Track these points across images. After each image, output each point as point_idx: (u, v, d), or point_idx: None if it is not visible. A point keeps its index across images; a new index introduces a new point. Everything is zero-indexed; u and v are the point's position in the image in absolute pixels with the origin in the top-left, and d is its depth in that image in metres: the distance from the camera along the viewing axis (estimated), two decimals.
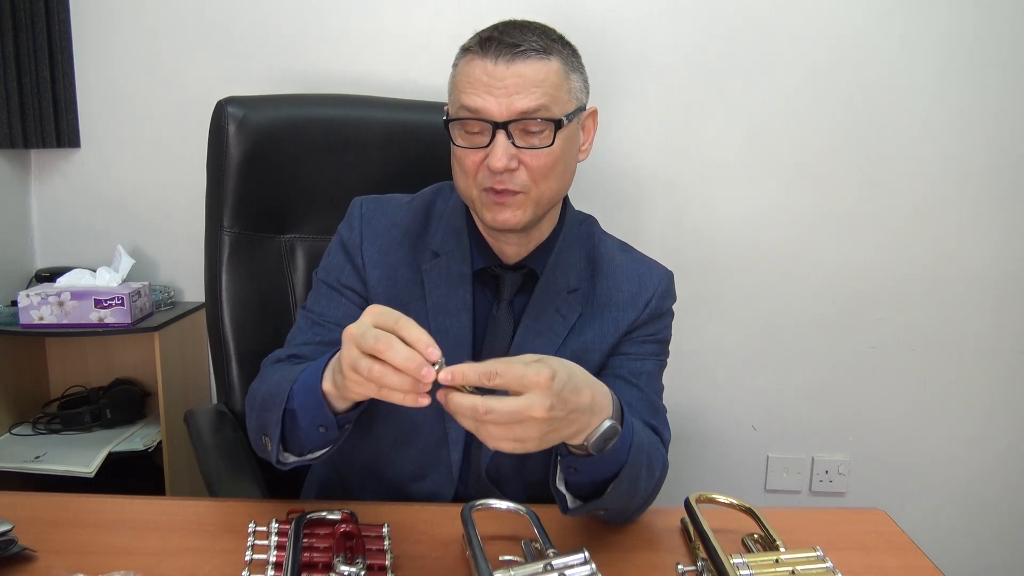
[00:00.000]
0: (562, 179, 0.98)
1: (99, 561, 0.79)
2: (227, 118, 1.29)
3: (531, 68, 0.90)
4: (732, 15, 1.78)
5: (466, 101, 0.92)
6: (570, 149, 0.97)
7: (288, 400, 0.83)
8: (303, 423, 0.83)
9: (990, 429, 1.98)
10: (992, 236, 1.88)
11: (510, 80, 0.90)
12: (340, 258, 1.06)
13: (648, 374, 1.04)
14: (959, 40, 1.78)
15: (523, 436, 0.70)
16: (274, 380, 0.91)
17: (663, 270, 1.09)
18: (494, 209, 0.95)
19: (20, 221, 1.86)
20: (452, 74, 0.97)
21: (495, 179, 0.93)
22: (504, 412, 0.69)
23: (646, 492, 0.90)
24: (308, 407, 0.82)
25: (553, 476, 0.86)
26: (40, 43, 1.73)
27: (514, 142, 0.91)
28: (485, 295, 1.04)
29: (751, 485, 2.02)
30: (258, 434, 0.91)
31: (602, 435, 0.77)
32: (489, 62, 0.91)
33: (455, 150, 0.96)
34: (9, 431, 1.76)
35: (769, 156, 1.84)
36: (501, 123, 0.90)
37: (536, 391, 0.69)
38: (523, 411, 0.69)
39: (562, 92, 0.93)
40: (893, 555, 0.91)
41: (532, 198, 0.95)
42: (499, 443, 0.70)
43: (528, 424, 0.70)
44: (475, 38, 0.95)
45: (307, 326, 1.04)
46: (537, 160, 0.93)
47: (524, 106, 0.90)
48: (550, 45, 0.92)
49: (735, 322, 1.92)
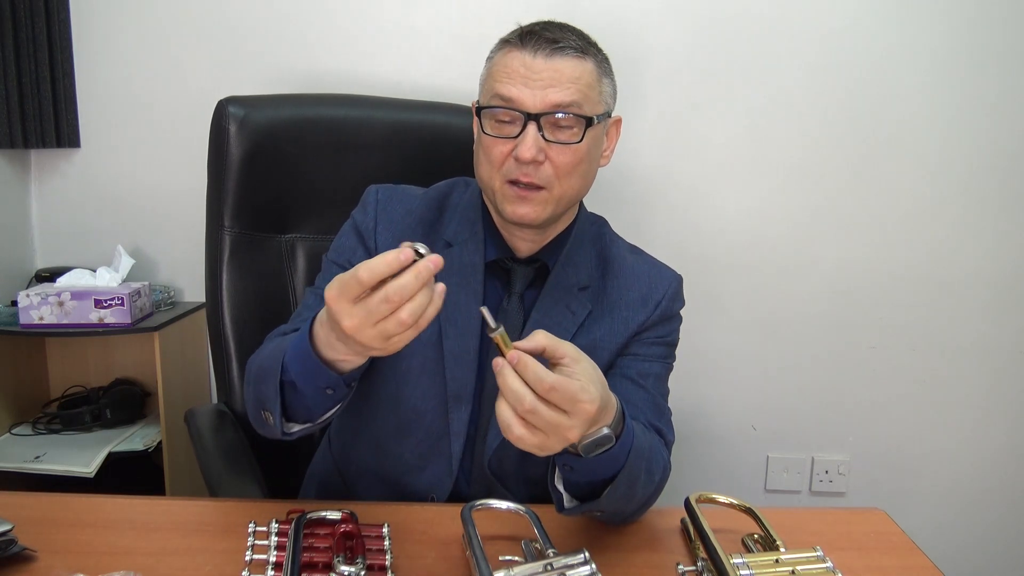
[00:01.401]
0: (584, 179, 0.99)
1: (99, 561, 0.80)
2: (228, 118, 1.29)
3: (568, 65, 0.92)
4: (732, 15, 1.78)
5: (501, 90, 0.93)
6: (595, 151, 0.99)
7: (283, 372, 0.83)
8: (307, 390, 0.83)
9: (990, 429, 1.98)
10: (992, 236, 1.88)
11: (547, 73, 0.92)
12: (352, 240, 1.06)
13: (655, 376, 1.04)
14: (958, 39, 1.78)
15: (545, 445, 0.71)
16: (265, 354, 0.91)
17: (673, 273, 1.10)
18: (515, 203, 0.96)
19: (20, 221, 1.86)
20: (487, 66, 0.99)
21: (521, 171, 0.94)
22: (544, 421, 0.69)
23: (644, 496, 0.90)
24: (308, 374, 0.81)
25: (552, 474, 0.87)
26: (40, 43, 1.73)
27: (544, 136, 0.92)
28: (496, 287, 1.05)
29: (751, 485, 2.02)
30: (256, 409, 0.90)
31: (595, 440, 0.77)
32: (528, 55, 0.92)
33: (483, 138, 0.97)
34: (9, 431, 1.76)
35: (768, 156, 1.84)
36: (534, 115, 0.92)
37: (579, 417, 0.70)
38: (561, 429, 0.70)
39: (594, 92, 0.95)
40: (893, 555, 0.91)
41: (554, 195, 0.96)
42: (520, 439, 0.70)
43: (557, 439, 0.71)
44: (515, 32, 0.96)
45: (314, 302, 1.03)
46: (564, 156, 0.94)
47: (558, 99, 0.92)
48: (587, 47, 0.95)
49: (735, 322, 1.92)
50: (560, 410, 0.70)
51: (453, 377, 1.01)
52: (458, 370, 1.01)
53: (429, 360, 1.02)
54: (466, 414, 1.02)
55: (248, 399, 0.95)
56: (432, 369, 1.02)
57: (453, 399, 1.02)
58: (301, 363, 0.81)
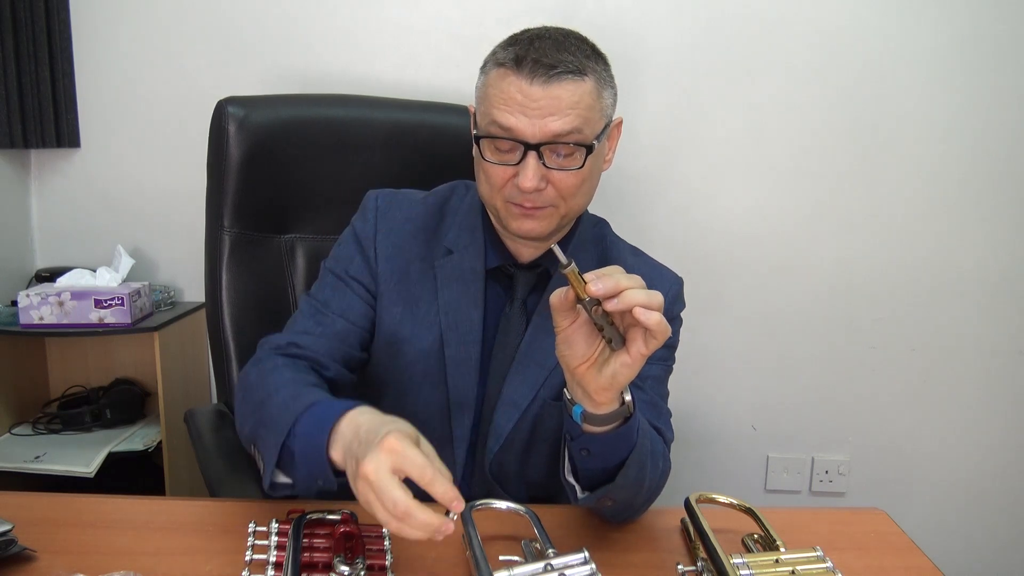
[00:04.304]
0: (588, 194, 0.99)
1: (99, 561, 0.79)
2: (227, 118, 1.29)
3: (566, 91, 0.90)
4: (732, 15, 1.78)
5: (499, 119, 0.91)
6: (597, 165, 0.98)
7: (289, 436, 0.80)
8: (301, 470, 0.80)
9: (990, 429, 1.98)
10: (992, 236, 1.88)
11: (544, 102, 0.89)
12: (351, 249, 1.06)
13: (654, 378, 1.04)
14: (957, 39, 1.78)
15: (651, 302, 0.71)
16: (275, 403, 0.86)
17: (674, 276, 1.09)
18: (519, 219, 0.95)
19: (20, 221, 1.86)
20: (482, 82, 0.96)
21: (523, 197, 0.93)
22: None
23: (652, 483, 0.90)
24: (309, 459, 0.78)
25: (562, 467, 0.87)
26: (40, 43, 1.73)
27: (544, 163, 0.91)
28: (498, 293, 1.04)
29: (751, 485, 2.02)
30: (248, 441, 0.88)
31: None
32: (524, 82, 0.90)
33: (483, 163, 0.95)
34: (9, 431, 1.76)
35: (768, 156, 1.84)
36: (533, 144, 0.90)
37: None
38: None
39: (594, 113, 0.93)
40: (893, 555, 0.91)
41: (560, 211, 0.96)
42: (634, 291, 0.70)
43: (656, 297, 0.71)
44: (509, 53, 0.92)
45: (309, 312, 1.03)
46: (567, 180, 0.93)
47: (558, 128, 0.90)
48: (584, 64, 0.91)
49: (735, 322, 1.92)
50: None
51: (455, 385, 1.01)
52: (460, 378, 1.01)
53: (431, 369, 1.02)
54: (469, 421, 1.02)
55: (241, 421, 0.91)
56: (434, 377, 1.02)
57: (456, 407, 1.02)
58: (309, 445, 0.78)
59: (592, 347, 0.76)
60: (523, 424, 1.02)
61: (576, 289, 0.72)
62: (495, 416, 1.01)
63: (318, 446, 0.77)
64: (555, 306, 0.75)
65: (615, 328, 0.74)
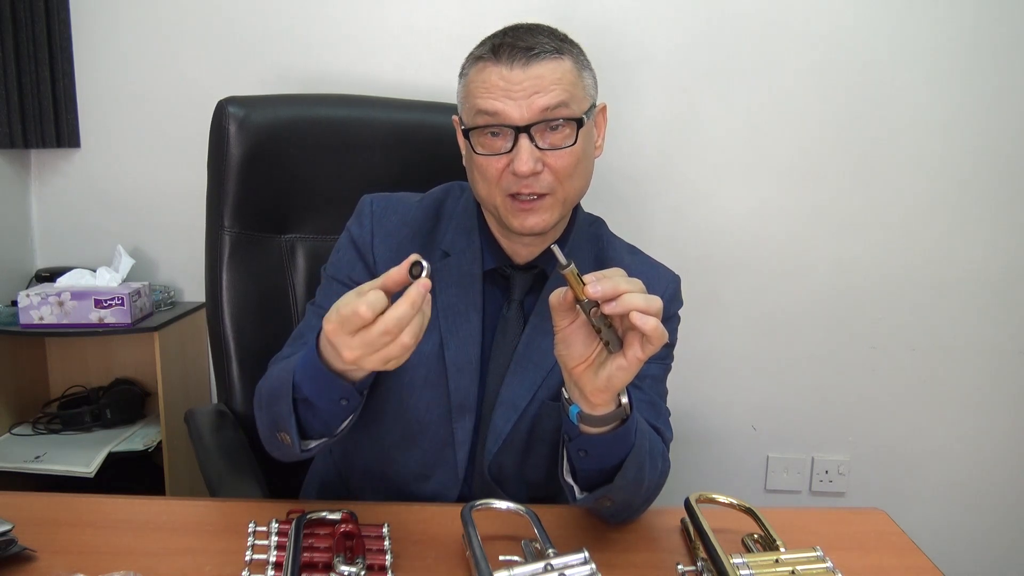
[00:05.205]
0: (585, 177, 0.98)
1: (99, 561, 0.79)
2: (228, 118, 1.29)
3: (547, 68, 0.90)
4: (732, 15, 1.78)
5: (484, 106, 0.91)
6: (589, 146, 0.98)
7: (295, 390, 0.82)
8: (321, 404, 0.82)
9: (990, 428, 1.98)
10: (992, 236, 1.88)
11: (528, 83, 0.90)
12: (350, 254, 1.06)
13: (653, 377, 1.04)
14: (957, 40, 1.78)
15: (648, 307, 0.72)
16: (273, 376, 0.91)
17: (671, 274, 1.09)
18: (521, 215, 0.94)
19: (20, 221, 1.86)
20: (462, 83, 0.96)
21: (521, 183, 0.92)
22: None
23: (651, 483, 0.90)
24: (320, 388, 0.81)
25: (561, 467, 0.87)
26: (40, 43, 1.73)
27: (537, 144, 0.91)
28: (495, 295, 1.04)
29: (751, 485, 2.02)
30: (271, 431, 0.90)
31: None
32: (504, 67, 0.90)
33: (476, 159, 0.95)
34: (9, 431, 1.76)
35: (768, 156, 1.84)
36: (523, 127, 0.90)
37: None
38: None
39: (578, 89, 0.93)
40: (893, 555, 0.91)
41: (559, 199, 0.95)
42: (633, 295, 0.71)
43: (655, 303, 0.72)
44: (485, 45, 0.93)
45: (317, 321, 1.03)
46: (561, 160, 0.93)
47: (545, 103, 0.90)
48: (561, 45, 0.93)
49: (735, 322, 1.92)
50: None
51: (456, 388, 1.01)
52: (461, 380, 1.01)
53: (432, 372, 1.02)
54: (470, 423, 1.02)
55: (261, 424, 0.94)
56: (435, 380, 1.02)
57: (457, 409, 1.02)
58: (312, 379, 0.81)
59: (590, 348, 0.76)
60: (521, 425, 1.02)
61: (575, 290, 0.72)
62: (493, 417, 1.01)
63: (319, 375, 0.80)
64: (554, 306, 0.75)
65: (613, 331, 0.74)
